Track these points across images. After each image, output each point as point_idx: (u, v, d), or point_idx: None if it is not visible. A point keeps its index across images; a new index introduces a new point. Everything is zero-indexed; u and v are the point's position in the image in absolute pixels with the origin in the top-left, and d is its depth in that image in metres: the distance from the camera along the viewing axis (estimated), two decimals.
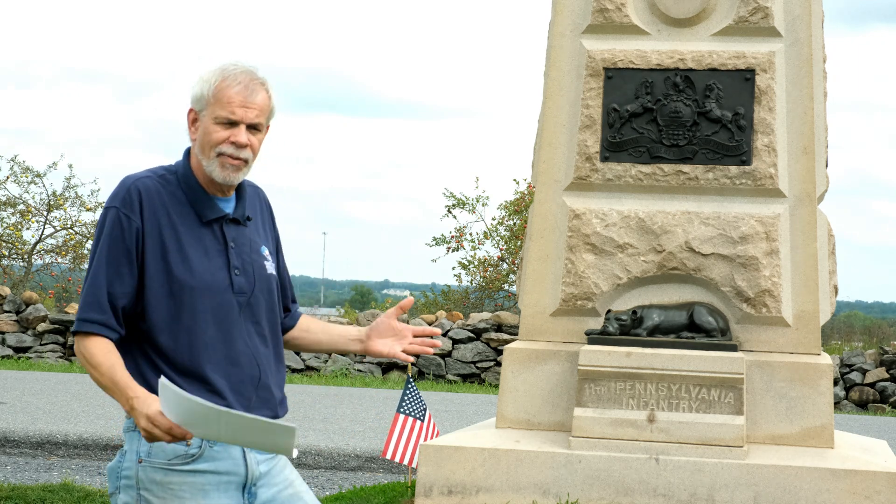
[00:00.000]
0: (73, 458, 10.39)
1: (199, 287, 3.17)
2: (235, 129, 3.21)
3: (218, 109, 3.21)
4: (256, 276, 3.29)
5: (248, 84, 3.23)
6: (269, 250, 3.39)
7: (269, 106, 3.29)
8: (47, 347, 19.90)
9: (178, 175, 3.28)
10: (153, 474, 3.14)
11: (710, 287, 7.06)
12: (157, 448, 3.14)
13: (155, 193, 3.22)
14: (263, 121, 3.27)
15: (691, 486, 6.49)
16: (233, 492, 3.18)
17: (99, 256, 3.19)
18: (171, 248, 3.18)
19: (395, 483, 8.47)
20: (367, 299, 50.77)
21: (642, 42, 7.26)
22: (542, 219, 7.33)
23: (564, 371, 7.05)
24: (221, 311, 3.20)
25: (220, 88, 3.22)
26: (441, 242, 25.50)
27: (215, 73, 3.25)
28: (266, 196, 3.52)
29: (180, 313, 3.16)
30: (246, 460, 3.20)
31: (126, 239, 3.17)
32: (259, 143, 3.27)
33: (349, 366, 19.49)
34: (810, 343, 6.98)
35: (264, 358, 3.28)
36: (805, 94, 7.07)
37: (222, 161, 3.21)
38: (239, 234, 3.29)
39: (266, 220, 3.46)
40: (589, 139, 7.22)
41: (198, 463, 3.14)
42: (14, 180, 26.98)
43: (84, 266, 27.25)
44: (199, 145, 3.25)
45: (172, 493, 3.13)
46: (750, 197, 7.07)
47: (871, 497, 6.35)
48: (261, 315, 3.29)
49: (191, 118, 3.29)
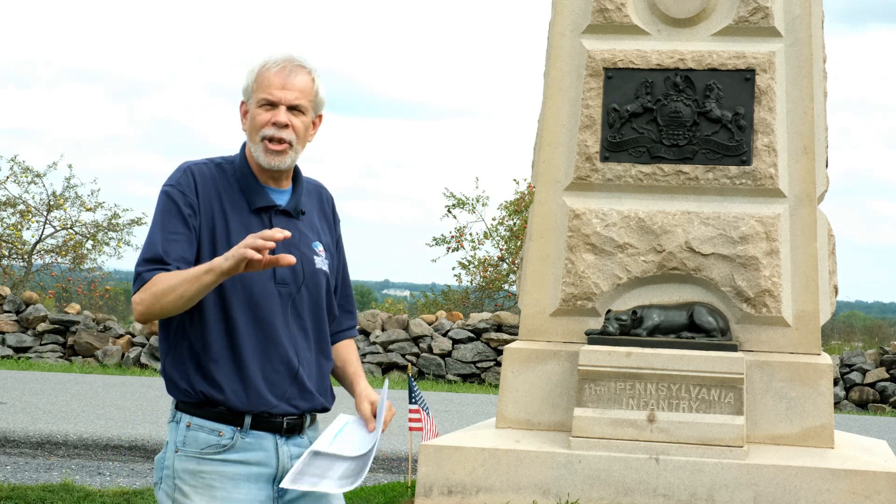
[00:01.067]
0: (73, 458, 10.39)
1: (241, 275, 3.15)
2: (276, 110, 3.25)
3: (259, 93, 3.26)
4: (304, 270, 3.29)
5: (286, 66, 3.27)
6: (323, 246, 3.38)
7: (312, 89, 3.30)
8: (47, 347, 19.90)
9: (234, 164, 3.32)
10: (187, 463, 3.19)
11: (710, 287, 7.06)
12: (191, 438, 3.18)
13: (210, 178, 3.26)
14: (305, 103, 3.28)
15: (691, 486, 6.49)
16: (263, 483, 3.21)
17: (153, 225, 3.22)
18: (219, 233, 3.21)
19: (395, 483, 8.47)
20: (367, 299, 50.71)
21: (642, 42, 7.26)
22: (542, 219, 7.33)
23: (564, 371, 7.05)
24: (262, 300, 3.21)
25: (260, 74, 3.28)
26: (441, 242, 25.50)
27: (258, 63, 3.31)
28: (330, 195, 3.52)
29: (222, 299, 3.18)
30: (278, 453, 3.23)
31: (182, 209, 3.20)
32: (303, 126, 3.29)
33: None
34: (810, 343, 6.98)
35: (304, 351, 3.28)
36: (805, 94, 7.07)
37: (265, 146, 3.24)
38: (289, 226, 3.29)
39: (326, 219, 3.46)
40: (589, 139, 7.22)
41: (230, 453, 3.18)
42: (14, 180, 26.98)
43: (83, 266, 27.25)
44: (248, 133, 3.30)
45: (204, 481, 3.17)
46: (750, 197, 7.07)
47: (871, 497, 6.35)
48: (304, 308, 3.29)
49: (242, 111, 3.35)
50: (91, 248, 27.42)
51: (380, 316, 20.08)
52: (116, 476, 9.43)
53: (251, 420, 3.20)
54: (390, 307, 27.78)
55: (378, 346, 19.64)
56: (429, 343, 19.56)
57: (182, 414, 3.23)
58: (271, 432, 3.23)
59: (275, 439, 3.23)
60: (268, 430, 3.22)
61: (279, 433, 3.24)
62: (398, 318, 19.99)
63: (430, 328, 19.68)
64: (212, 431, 3.18)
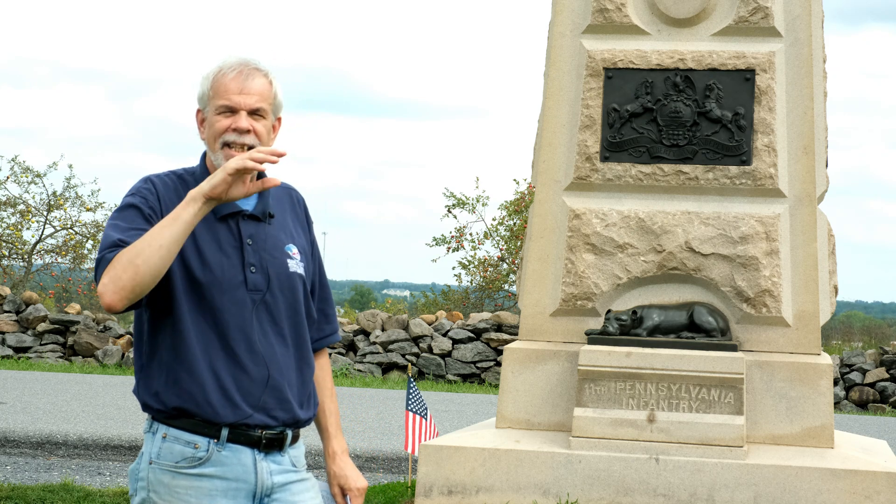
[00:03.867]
0: (73, 458, 10.39)
1: (211, 282, 3.10)
2: (236, 115, 3.16)
3: (217, 100, 3.17)
4: (275, 274, 3.20)
5: (243, 71, 3.19)
6: (298, 249, 3.29)
7: (271, 92, 3.21)
8: (47, 347, 19.90)
9: (195, 175, 3.24)
10: (161, 476, 3.11)
11: (710, 287, 7.06)
12: (167, 450, 3.11)
13: (172, 188, 3.19)
14: (265, 106, 3.19)
15: (691, 486, 6.49)
16: (242, 500, 3.13)
17: (110, 225, 3.10)
18: (186, 242, 3.09)
19: (395, 483, 8.47)
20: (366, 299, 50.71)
21: (642, 42, 7.26)
22: (542, 219, 7.33)
23: (564, 371, 7.05)
24: (234, 307, 3.12)
25: (216, 80, 3.19)
26: (441, 242, 25.51)
27: (213, 69, 3.23)
28: (301, 197, 3.43)
29: (194, 308, 3.10)
30: (256, 468, 3.14)
31: (143, 210, 3.12)
32: (265, 130, 3.20)
33: (349, 365, 19.48)
34: (810, 343, 6.98)
35: (281, 358, 3.18)
36: (805, 94, 7.07)
37: (227, 153, 3.15)
38: (258, 231, 3.21)
39: (300, 222, 3.37)
40: (589, 139, 7.22)
41: (205, 467, 3.10)
42: (14, 180, 26.99)
43: (84, 266, 27.26)
44: (207, 141, 3.21)
45: (178, 496, 3.09)
46: (750, 197, 7.07)
47: (871, 497, 6.35)
48: (280, 314, 3.20)
49: (199, 119, 3.26)
50: (91, 248, 27.43)
51: (380, 316, 20.07)
52: (116, 476, 9.44)
53: (228, 433, 3.11)
54: (390, 307, 27.78)
55: (378, 346, 19.64)
56: (429, 343, 19.56)
57: (158, 424, 3.14)
58: (249, 446, 3.14)
59: (253, 454, 3.14)
60: (245, 444, 3.13)
61: (258, 448, 3.15)
62: (398, 318, 19.99)
63: (430, 328, 19.68)
64: (187, 444, 3.10)
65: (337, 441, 3.43)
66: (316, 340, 3.41)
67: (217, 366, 3.11)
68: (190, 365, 3.10)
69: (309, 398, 3.29)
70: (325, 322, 3.45)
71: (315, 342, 3.41)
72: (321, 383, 3.44)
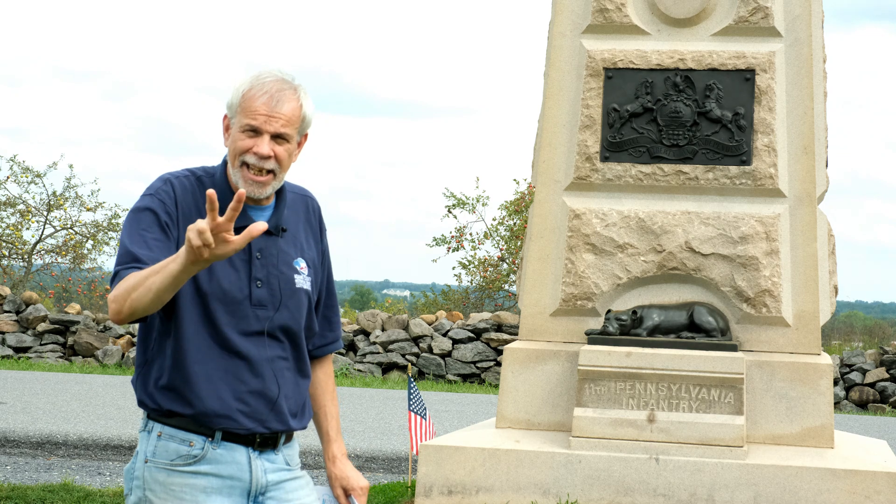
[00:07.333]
0: (73, 458, 10.39)
1: (216, 294, 3.11)
2: (259, 138, 3.13)
3: (243, 118, 3.14)
4: (282, 290, 3.21)
5: (274, 94, 3.14)
6: (306, 262, 3.29)
7: (299, 115, 3.18)
8: (47, 347, 19.90)
9: (214, 178, 3.22)
10: (157, 474, 3.13)
11: (710, 287, 7.06)
12: (162, 448, 3.13)
13: (190, 191, 3.17)
14: (291, 131, 3.16)
15: (691, 486, 6.49)
16: (237, 497, 3.15)
17: (131, 229, 3.09)
18: None
19: (395, 483, 8.47)
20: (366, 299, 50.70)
21: (642, 42, 7.26)
22: (542, 219, 7.33)
23: (564, 371, 7.05)
24: (236, 321, 3.14)
25: (246, 97, 3.15)
26: (441, 242, 25.50)
27: (246, 81, 3.19)
28: (317, 205, 3.41)
29: (198, 317, 3.11)
30: (251, 466, 3.16)
31: (160, 217, 3.11)
32: (287, 154, 3.16)
33: (349, 365, 19.49)
34: (810, 343, 6.98)
35: (279, 372, 3.20)
36: (805, 94, 7.07)
37: (244, 174, 3.14)
38: (268, 245, 3.20)
39: (312, 232, 3.36)
40: (589, 139, 7.22)
41: (200, 465, 3.12)
42: (14, 180, 26.98)
43: (83, 266, 27.27)
44: (229, 152, 3.20)
45: (173, 494, 3.11)
46: (750, 197, 7.07)
47: (871, 497, 6.35)
48: (281, 329, 3.21)
49: (225, 125, 3.24)
50: (91, 248, 27.45)
51: (380, 316, 20.07)
52: (116, 476, 9.43)
53: (222, 431, 3.13)
54: (390, 307, 27.78)
55: (378, 346, 19.64)
56: (429, 343, 19.55)
57: (153, 423, 3.16)
58: (244, 445, 3.16)
59: (247, 452, 3.16)
60: (240, 443, 3.16)
61: (252, 446, 3.17)
62: (398, 318, 19.99)
63: (430, 328, 19.68)
64: (182, 441, 3.12)
65: (337, 445, 3.46)
66: (318, 347, 3.44)
67: (214, 376, 3.13)
68: (187, 374, 3.12)
69: (303, 409, 3.32)
70: (328, 329, 3.47)
71: (317, 349, 3.44)
72: (323, 387, 3.47)
